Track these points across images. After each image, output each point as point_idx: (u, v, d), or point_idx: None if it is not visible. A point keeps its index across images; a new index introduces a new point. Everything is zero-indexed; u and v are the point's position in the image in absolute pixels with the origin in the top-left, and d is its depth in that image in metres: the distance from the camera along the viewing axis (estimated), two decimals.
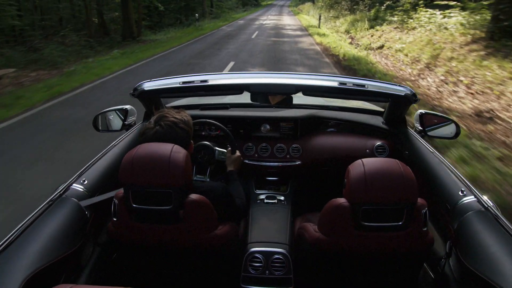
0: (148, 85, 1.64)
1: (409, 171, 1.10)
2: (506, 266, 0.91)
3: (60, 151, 4.22)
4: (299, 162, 1.98)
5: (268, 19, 30.10)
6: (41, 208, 1.16)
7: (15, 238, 1.00)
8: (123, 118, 1.89)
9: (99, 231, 1.34)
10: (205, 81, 1.57)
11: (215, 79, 1.63)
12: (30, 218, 1.10)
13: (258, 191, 1.95)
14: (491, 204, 1.19)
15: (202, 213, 1.16)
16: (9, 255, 0.94)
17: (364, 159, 1.15)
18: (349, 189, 1.12)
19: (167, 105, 1.96)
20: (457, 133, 1.80)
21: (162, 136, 1.27)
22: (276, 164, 1.99)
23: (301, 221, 1.60)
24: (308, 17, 30.24)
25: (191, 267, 1.29)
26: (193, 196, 1.15)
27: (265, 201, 1.85)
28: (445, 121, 1.86)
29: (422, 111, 1.85)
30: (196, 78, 1.59)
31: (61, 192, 1.24)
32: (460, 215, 1.18)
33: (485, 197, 1.22)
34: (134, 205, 1.13)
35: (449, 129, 1.83)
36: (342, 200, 1.15)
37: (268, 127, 2.08)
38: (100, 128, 1.89)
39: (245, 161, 1.93)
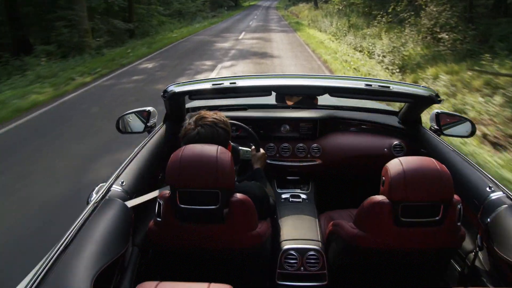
0: (179, 88, 1.67)
1: (445, 168, 1.16)
2: None
3: None
4: (320, 162, 2.04)
5: (241, 41, 15.39)
6: (89, 209, 1.17)
7: (71, 240, 1.01)
8: (144, 120, 1.97)
9: (136, 232, 1.32)
10: (234, 83, 1.60)
11: (243, 81, 1.65)
12: (81, 219, 1.11)
13: (280, 190, 1.99)
14: None
15: (246, 212, 1.19)
16: (70, 257, 0.94)
17: (401, 158, 1.19)
18: (388, 187, 1.17)
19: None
20: (473, 132, 1.84)
21: (204, 137, 1.30)
22: (297, 164, 2.04)
23: (325, 219, 1.72)
24: (325, 36, 16.54)
25: (230, 266, 1.28)
26: (238, 195, 1.18)
27: (290, 199, 1.90)
28: (460, 119, 1.92)
29: (438, 110, 1.93)
30: (225, 81, 1.63)
31: (103, 194, 1.26)
32: (491, 210, 1.22)
33: None
34: (181, 206, 1.15)
35: (464, 128, 1.87)
36: (381, 198, 1.19)
37: (288, 127, 2.12)
38: (123, 130, 1.95)
39: (266, 161, 1.86)
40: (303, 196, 1.92)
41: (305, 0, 49.31)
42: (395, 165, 1.16)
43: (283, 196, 1.94)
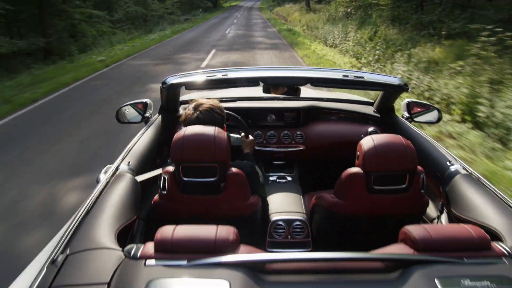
0: (176, 79, 1.79)
1: (410, 143, 1.31)
2: (489, 210, 1.13)
3: None
4: (303, 147, 2.20)
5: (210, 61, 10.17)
6: (103, 183, 1.32)
7: (91, 205, 1.16)
8: (142, 111, 2.08)
9: (141, 208, 1.42)
10: (226, 74, 1.72)
11: (234, 73, 1.75)
12: (97, 190, 1.26)
13: (267, 174, 2.14)
14: (473, 170, 1.43)
15: (239, 184, 1.33)
16: (93, 219, 1.07)
17: (373, 135, 1.35)
18: (362, 160, 1.32)
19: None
20: (439, 118, 2.02)
21: (202, 120, 1.46)
22: (282, 149, 2.20)
23: (308, 197, 1.81)
24: (343, 58, 10.43)
25: None
26: (233, 169, 1.32)
27: (277, 181, 2.07)
28: (429, 108, 2.07)
29: (409, 99, 2.10)
30: (217, 73, 1.73)
31: (114, 171, 1.41)
32: (450, 180, 1.39)
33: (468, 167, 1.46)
34: (184, 179, 1.30)
35: (432, 115, 2.04)
36: (356, 169, 1.34)
37: (273, 117, 2.27)
38: (122, 120, 2.05)
39: (254, 148, 2.01)
40: (289, 178, 2.09)
41: (292, 0, 43.59)
42: (367, 141, 1.33)
43: (271, 178, 2.09)
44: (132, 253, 0.90)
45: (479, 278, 0.77)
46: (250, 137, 1.89)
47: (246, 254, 0.88)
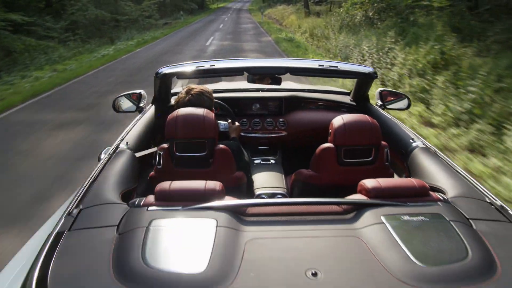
0: (169, 69, 1.92)
1: (375, 121, 1.53)
2: (439, 174, 1.32)
3: None
4: (285, 133, 2.42)
5: None
6: (107, 158, 1.48)
7: (98, 173, 1.32)
8: (136, 101, 2.21)
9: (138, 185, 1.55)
10: (213, 65, 1.88)
11: (220, 64, 1.92)
12: (101, 163, 1.42)
13: (253, 158, 2.30)
14: (431, 145, 1.62)
15: (226, 158, 1.49)
16: (100, 184, 1.23)
17: (343, 115, 1.55)
18: (333, 136, 1.53)
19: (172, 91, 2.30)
20: (409, 105, 2.21)
21: (193, 102, 1.65)
22: (266, 135, 2.40)
23: (290, 178, 1.97)
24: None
25: None
26: (220, 146, 1.50)
27: (262, 163, 2.26)
28: (400, 96, 2.24)
29: (381, 89, 2.25)
30: (206, 63, 1.89)
31: (115, 148, 1.57)
32: (411, 154, 1.58)
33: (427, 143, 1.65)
34: (177, 154, 1.47)
35: (402, 103, 2.21)
36: (328, 144, 1.55)
37: (258, 106, 2.48)
38: (118, 109, 2.17)
39: (240, 133, 2.14)
40: (272, 161, 2.29)
41: (285, 1, 39.47)
42: (338, 120, 1.54)
43: (256, 161, 2.27)
44: (136, 203, 1.08)
45: (417, 215, 0.96)
46: (236, 123, 2.06)
47: (230, 200, 1.06)
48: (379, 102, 2.22)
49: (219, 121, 1.85)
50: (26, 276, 0.82)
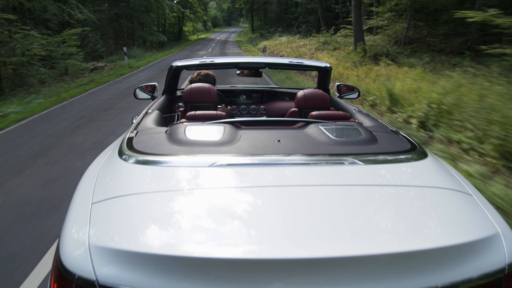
0: (180, 63, 2.59)
1: (326, 94, 2.33)
2: (363, 118, 2.03)
3: None
4: (266, 117, 3.18)
5: None
6: (143, 114, 2.08)
7: (141, 119, 1.94)
8: (151, 91, 2.89)
9: None
10: (212, 61, 2.59)
11: (218, 60, 2.62)
12: (140, 116, 2.04)
13: None
14: (367, 111, 2.20)
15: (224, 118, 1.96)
16: (144, 122, 1.82)
17: (304, 90, 2.39)
18: (297, 103, 2.32)
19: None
20: (359, 95, 2.88)
21: (202, 80, 2.72)
22: (251, 118, 2.94)
23: None
24: None
25: None
26: (219, 108, 2.54)
27: None
28: (352, 89, 2.88)
29: (338, 83, 2.91)
30: (207, 59, 2.60)
31: (145, 112, 2.12)
32: (353, 117, 2.18)
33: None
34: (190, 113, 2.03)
35: (354, 94, 2.85)
36: (294, 108, 2.38)
37: (244, 97, 3.33)
38: (138, 97, 2.84)
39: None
40: None
41: (287, 29, 30.37)
42: (300, 92, 2.32)
43: None
44: (174, 122, 1.98)
45: (340, 125, 1.65)
46: (229, 107, 2.96)
47: (231, 119, 1.80)
48: (337, 94, 2.86)
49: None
50: (120, 145, 1.44)
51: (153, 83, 2.91)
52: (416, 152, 1.36)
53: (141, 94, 2.83)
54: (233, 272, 0.82)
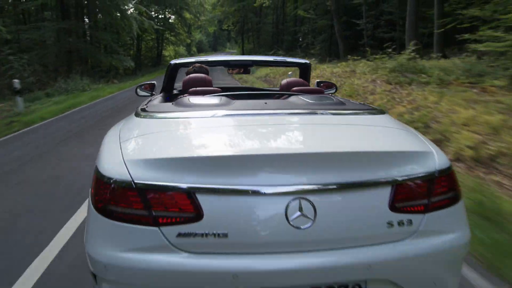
0: (178, 61, 3.06)
1: (306, 81, 2.58)
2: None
3: None
4: None
5: None
6: (149, 95, 2.97)
7: (148, 102, 2.37)
8: (150, 89, 3.08)
9: None
10: (206, 59, 3.02)
11: (211, 58, 3.12)
12: (149, 98, 2.74)
13: None
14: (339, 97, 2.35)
15: None
16: (152, 100, 2.41)
17: (287, 79, 2.55)
18: (281, 88, 2.51)
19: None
20: (336, 89, 3.15)
21: (197, 71, 2.78)
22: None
23: None
24: None
25: None
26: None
27: None
28: (332, 86, 3.15)
29: (318, 80, 3.18)
30: (202, 58, 2.98)
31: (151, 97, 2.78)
32: None
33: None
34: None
35: (333, 90, 3.11)
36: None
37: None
38: (138, 94, 3.08)
39: None
40: None
41: (290, 50, 24.58)
42: (284, 81, 2.52)
43: None
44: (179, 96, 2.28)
45: (316, 96, 1.94)
46: None
47: (227, 93, 2.04)
48: None
49: None
50: (135, 111, 1.78)
51: (152, 82, 3.18)
52: (375, 111, 1.75)
53: (141, 92, 3.09)
54: (232, 165, 1.20)
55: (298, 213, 1.15)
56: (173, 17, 42.53)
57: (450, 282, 1.33)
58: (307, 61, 3.11)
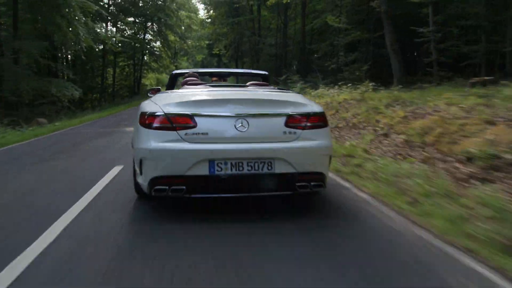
0: (178, 71, 4.83)
1: (266, 82, 4.76)
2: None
3: None
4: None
5: None
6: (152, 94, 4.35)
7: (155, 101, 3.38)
8: (156, 93, 4.02)
9: None
10: (198, 70, 4.66)
11: (201, 70, 4.90)
12: (152, 97, 3.73)
13: None
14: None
15: None
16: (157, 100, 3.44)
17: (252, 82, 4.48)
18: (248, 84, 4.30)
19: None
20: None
21: (190, 75, 4.28)
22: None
23: None
24: None
25: None
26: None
27: None
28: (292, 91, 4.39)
29: (254, 82, 4.52)
30: (193, 70, 4.54)
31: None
32: None
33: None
34: None
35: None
36: None
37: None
38: (149, 95, 4.12)
39: None
40: None
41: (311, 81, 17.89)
42: (249, 82, 4.27)
43: None
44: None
45: (262, 86, 3.89)
46: (212, 79, 5.10)
47: (210, 83, 4.33)
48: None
49: None
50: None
51: (157, 87, 4.62)
52: (290, 90, 3.61)
53: (150, 95, 4.00)
54: (210, 104, 2.85)
55: (240, 124, 2.76)
56: (155, 41, 36.27)
57: (319, 165, 2.94)
58: (266, 72, 5.09)
